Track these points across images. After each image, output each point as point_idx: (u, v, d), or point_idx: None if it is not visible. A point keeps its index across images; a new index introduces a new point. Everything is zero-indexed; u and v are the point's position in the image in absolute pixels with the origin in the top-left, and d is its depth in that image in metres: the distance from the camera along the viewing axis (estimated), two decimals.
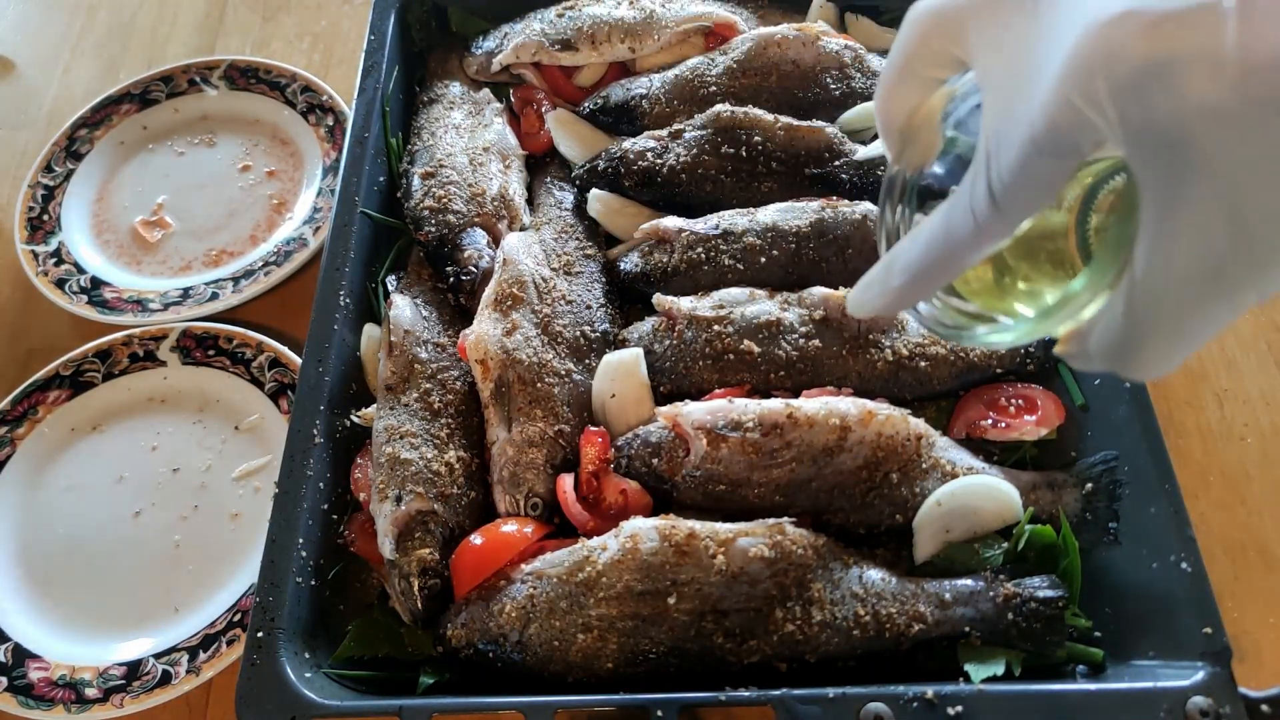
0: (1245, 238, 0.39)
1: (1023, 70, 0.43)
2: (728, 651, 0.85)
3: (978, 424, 1.01)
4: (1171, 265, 0.41)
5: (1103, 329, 0.46)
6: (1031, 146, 0.42)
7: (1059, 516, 0.93)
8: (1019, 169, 0.43)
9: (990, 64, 0.47)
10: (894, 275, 0.52)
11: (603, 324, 1.09)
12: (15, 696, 1.00)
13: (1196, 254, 0.40)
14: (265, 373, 1.23)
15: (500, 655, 0.87)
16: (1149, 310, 0.43)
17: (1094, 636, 0.89)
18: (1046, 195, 0.44)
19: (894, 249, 0.53)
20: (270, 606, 0.87)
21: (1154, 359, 0.45)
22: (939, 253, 0.48)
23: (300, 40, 1.64)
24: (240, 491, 1.16)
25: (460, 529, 0.96)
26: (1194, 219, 0.39)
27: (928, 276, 0.50)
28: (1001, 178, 0.44)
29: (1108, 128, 0.40)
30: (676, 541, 0.86)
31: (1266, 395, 1.15)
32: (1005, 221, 0.45)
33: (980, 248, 0.47)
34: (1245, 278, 0.40)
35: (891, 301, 0.53)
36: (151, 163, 1.49)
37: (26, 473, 1.19)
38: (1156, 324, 0.43)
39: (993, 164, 0.45)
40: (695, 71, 1.25)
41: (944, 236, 0.48)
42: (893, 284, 0.52)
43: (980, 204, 0.45)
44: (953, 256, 0.48)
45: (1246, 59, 0.35)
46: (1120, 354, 0.46)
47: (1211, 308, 0.42)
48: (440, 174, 1.18)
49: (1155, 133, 0.39)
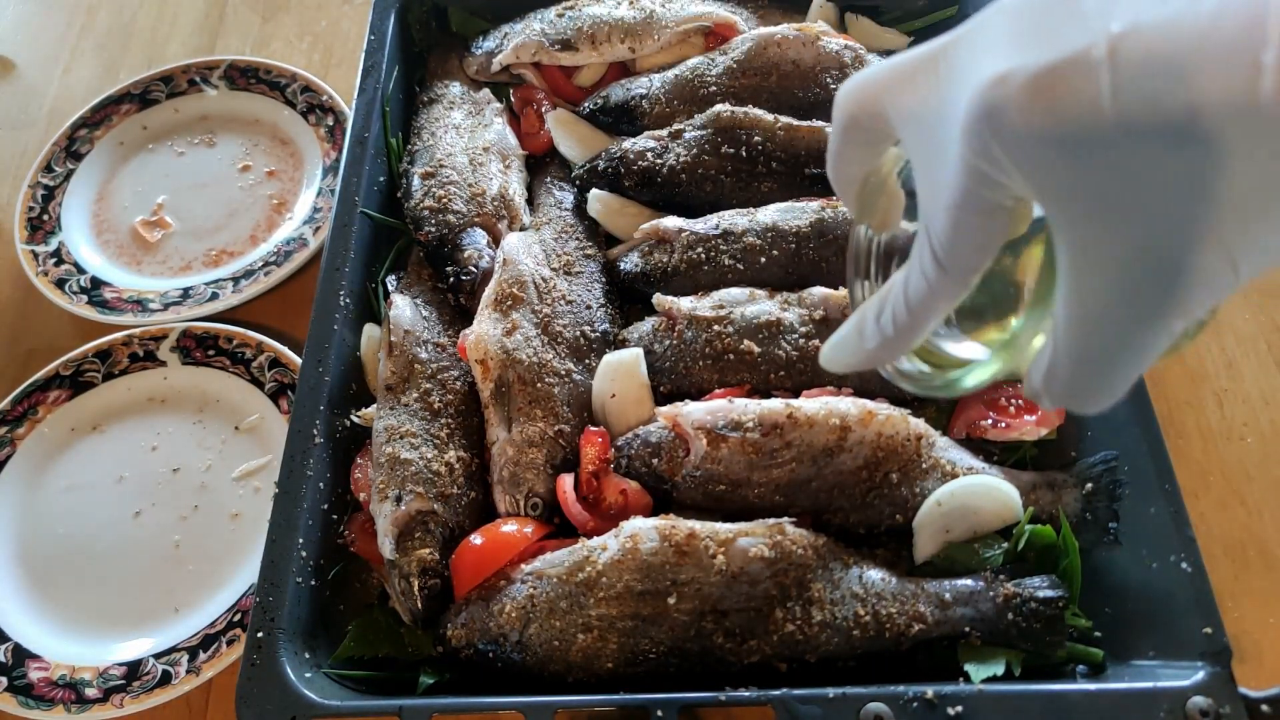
0: (1158, 269, 0.40)
1: (937, 138, 0.45)
2: (728, 651, 0.85)
3: (978, 424, 1.01)
4: (1087, 301, 0.43)
5: (1042, 366, 0.47)
6: (956, 211, 0.44)
7: (1059, 516, 0.93)
8: (951, 232, 0.45)
9: (910, 135, 0.49)
10: (866, 338, 0.54)
11: (603, 324, 1.09)
12: (15, 696, 1.00)
13: (1110, 289, 0.42)
14: (265, 373, 1.23)
15: (500, 655, 0.87)
16: (1075, 346, 0.44)
17: (1094, 636, 0.89)
18: (985, 252, 0.46)
19: (862, 309, 0.54)
20: (270, 606, 0.87)
21: (1089, 392, 0.46)
22: (902, 316, 0.50)
23: (300, 40, 1.64)
24: (240, 491, 1.16)
25: (460, 529, 0.96)
26: (1103, 256, 0.41)
27: (896, 338, 0.52)
28: (939, 242, 0.46)
29: (1012, 183, 0.42)
30: (676, 541, 0.86)
31: (1266, 395, 1.15)
32: (954, 282, 0.47)
33: (938, 308, 0.49)
34: (1164, 307, 0.41)
35: (863, 361, 0.55)
36: (151, 163, 1.49)
37: (26, 473, 1.19)
38: (1085, 358, 0.45)
39: (930, 229, 0.47)
40: (695, 71, 1.25)
41: (904, 300, 0.50)
42: (866, 346, 0.54)
43: (928, 267, 0.47)
44: (915, 319, 0.50)
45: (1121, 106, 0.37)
46: (1059, 389, 0.47)
47: (1136, 339, 0.43)
48: (440, 174, 1.18)
49: (1051, 181, 0.40)
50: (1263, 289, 1.23)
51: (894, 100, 0.49)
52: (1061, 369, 0.46)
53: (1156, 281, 0.40)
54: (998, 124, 0.40)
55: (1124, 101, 0.37)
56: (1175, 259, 0.40)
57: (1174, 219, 0.39)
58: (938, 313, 0.49)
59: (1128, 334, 0.43)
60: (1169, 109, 0.36)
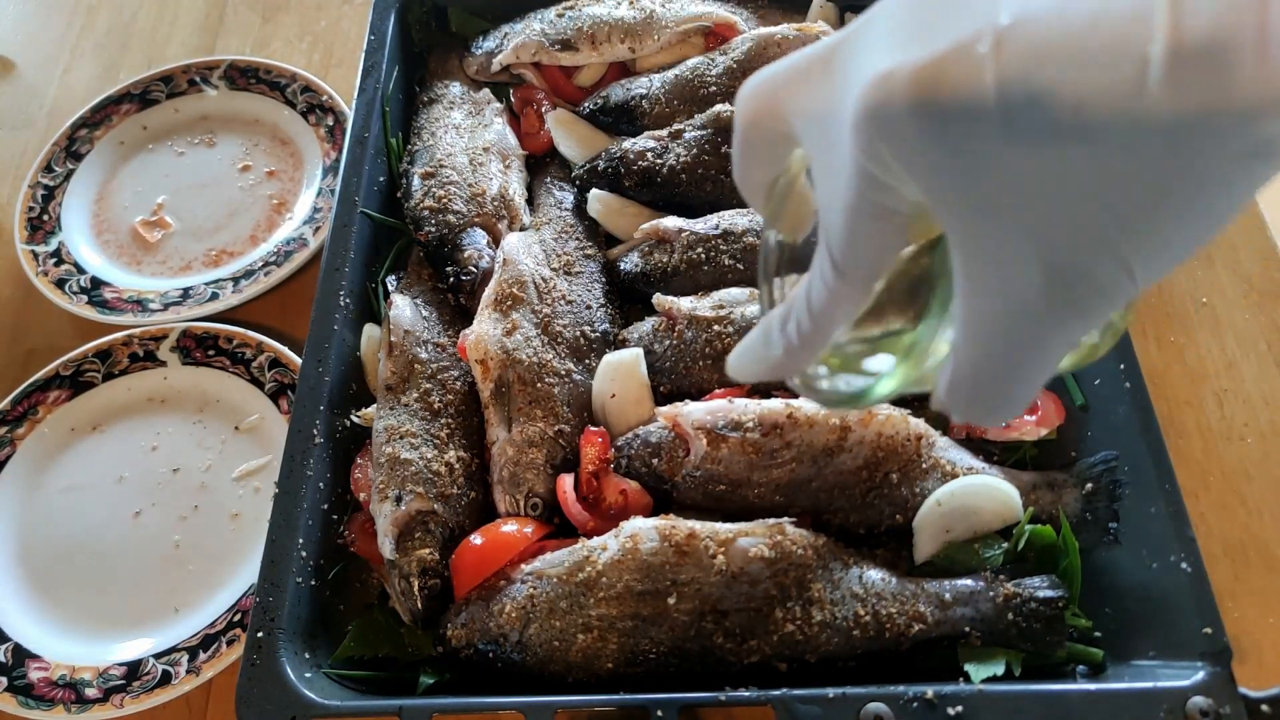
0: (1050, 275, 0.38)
1: (831, 139, 0.43)
2: (728, 651, 0.85)
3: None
4: (982, 309, 0.41)
5: (945, 377, 0.45)
6: (849, 214, 0.43)
7: (1059, 516, 0.93)
8: (847, 237, 0.43)
9: (807, 136, 0.47)
10: (772, 346, 0.51)
11: (603, 324, 1.09)
12: (15, 696, 1.00)
13: (1004, 297, 0.40)
14: (265, 373, 1.23)
15: (500, 655, 0.87)
16: (973, 355, 0.43)
17: (1094, 636, 0.89)
18: (882, 258, 0.44)
19: (768, 317, 0.52)
20: (270, 606, 0.87)
21: (991, 404, 0.44)
22: (806, 323, 0.48)
23: (300, 40, 1.64)
24: (240, 491, 1.16)
25: (460, 529, 0.96)
26: (994, 261, 0.39)
27: (801, 347, 0.50)
28: (836, 246, 0.44)
29: (903, 185, 0.40)
30: (676, 541, 0.86)
31: (1266, 395, 1.15)
32: (853, 288, 0.45)
33: (840, 315, 0.47)
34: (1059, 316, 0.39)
35: (770, 370, 0.53)
36: (151, 163, 1.49)
37: (26, 473, 1.19)
38: (984, 369, 0.43)
39: (827, 234, 0.45)
40: (695, 71, 1.25)
41: (806, 307, 0.48)
42: (772, 354, 0.52)
43: (828, 273, 0.45)
44: (818, 326, 0.48)
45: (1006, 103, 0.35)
46: (962, 401, 0.45)
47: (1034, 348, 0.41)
48: (440, 174, 1.18)
49: (939, 183, 0.39)
50: (1263, 289, 1.23)
51: (791, 100, 0.47)
52: (963, 380, 0.44)
53: (1050, 288, 0.39)
54: (883, 124, 0.38)
55: (1009, 98, 0.35)
56: (1067, 265, 0.38)
57: (1063, 222, 0.37)
58: (840, 320, 0.47)
59: (1025, 343, 0.41)
60: (1054, 105, 0.34)
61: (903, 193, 0.41)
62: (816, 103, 0.45)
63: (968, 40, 0.36)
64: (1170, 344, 1.19)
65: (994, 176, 0.37)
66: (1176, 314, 1.21)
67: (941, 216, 0.40)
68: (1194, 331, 1.20)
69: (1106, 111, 0.34)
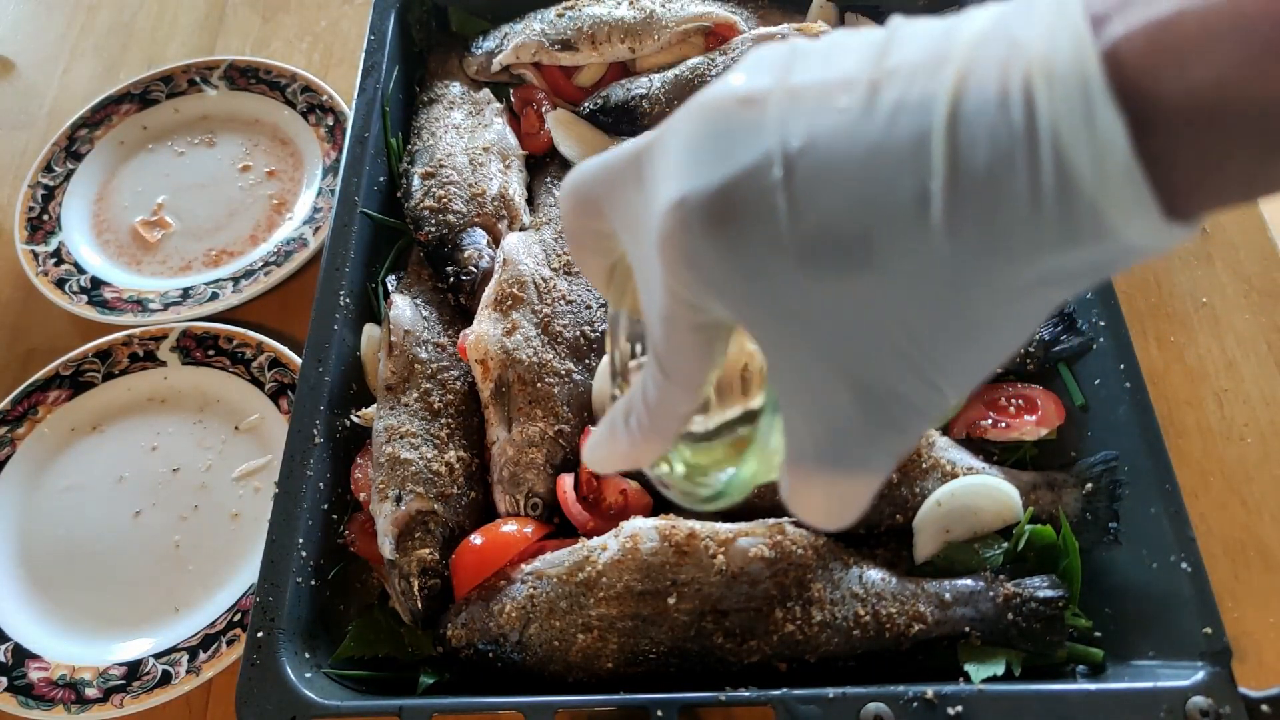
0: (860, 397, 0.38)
1: (643, 249, 0.42)
2: (728, 651, 0.85)
3: (978, 424, 1.01)
4: (801, 426, 0.41)
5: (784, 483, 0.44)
6: (666, 324, 0.42)
7: (1059, 516, 0.93)
8: (665, 344, 0.42)
9: (626, 239, 0.46)
10: (618, 440, 0.50)
11: (603, 324, 1.09)
12: (15, 696, 1.01)
13: (819, 416, 0.39)
14: (265, 373, 1.23)
15: (500, 655, 0.87)
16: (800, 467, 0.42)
17: (1094, 636, 0.89)
18: (703, 364, 0.43)
19: (613, 409, 0.51)
20: (270, 606, 0.87)
21: (827, 513, 0.43)
22: (644, 420, 0.47)
23: (300, 40, 1.64)
24: (240, 491, 1.16)
25: (460, 529, 0.96)
26: (806, 384, 0.39)
27: (644, 442, 0.48)
28: (659, 351, 0.43)
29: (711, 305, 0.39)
30: (676, 541, 0.86)
31: (1266, 395, 1.15)
32: (681, 390, 0.44)
33: (674, 414, 0.46)
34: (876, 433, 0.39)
35: (620, 462, 0.51)
36: (151, 163, 1.49)
37: (26, 473, 1.19)
38: (811, 480, 0.42)
39: (651, 338, 0.44)
40: (695, 71, 1.25)
41: (643, 404, 0.46)
42: (619, 449, 0.50)
43: (656, 374, 0.44)
44: (655, 424, 0.46)
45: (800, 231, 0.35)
46: (794, 507, 0.44)
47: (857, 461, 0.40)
48: (440, 174, 1.18)
49: (744, 309, 0.38)
50: (1263, 289, 1.23)
51: (606, 200, 0.46)
52: (796, 494, 0.43)
53: (863, 408, 0.38)
54: (679, 249, 0.37)
55: (801, 223, 0.35)
56: (875, 385, 0.37)
57: (864, 344, 0.37)
58: (675, 419, 0.46)
59: (849, 461, 0.40)
60: (842, 233, 0.34)
61: (713, 311, 0.40)
62: (629, 210, 0.44)
63: (760, 164, 0.35)
64: (1170, 344, 1.19)
65: (793, 300, 0.37)
66: (1176, 314, 1.21)
67: (753, 335, 0.40)
68: (1194, 331, 1.20)
69: (892, 242, 0.34)
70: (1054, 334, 1.02)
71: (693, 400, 0.45)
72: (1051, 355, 1.02)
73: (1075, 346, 1.01)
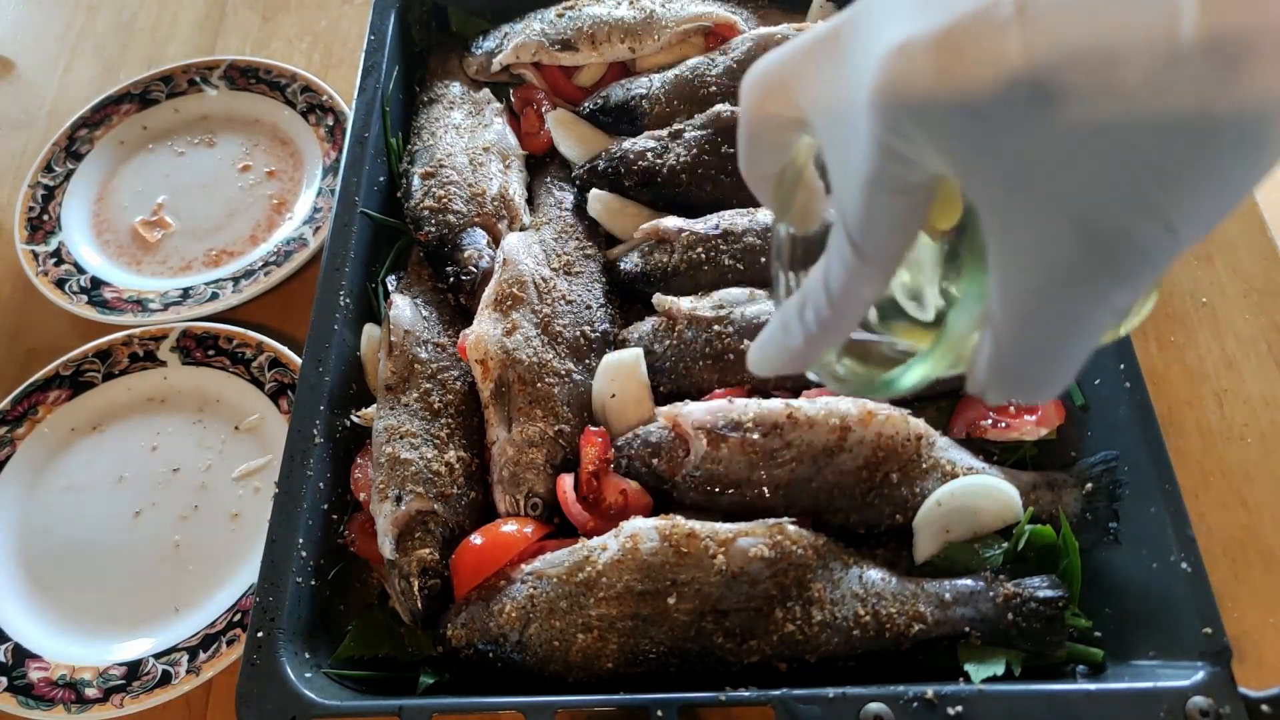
0: (1091, 241, 0.37)
1: (844, 118, 0.42)
2: (728, 651, 0.85)
3: (978, 424, 1.01)
4: (1021, 283, 0.40)
5: (983, 358, 0.44)
6: (868, 190, 0.41)
7: (1059, 516, 0.93)
8: (866, 217, 0.42)
9: (819, 117, 0.45)
10: (790, 336, 0.49)
11: (603, 324, 1.09)
12: (15, 696, 1.00)
13: (1043, 268, 0.38)
14: (265, 373, 1.23)
15: (500, 655, 0.87)
16: (1013, 332, 0.41)
17: (1094, 636, 0.89)
18: (903, 236, 0.43)
19: (785, 306, 0.50)
20: (270, 606, 0.87)
21: (1034, 382, 0.43)
22: (825, 309, 0.46)
23: (300, 40, 1.64)
24: (240, 491, 1.16)
25: (460, 529, 0.96)
26: (1031, 232, 0.38)
27: (820, 334, 0.48)
28: (853, 226, 0.43)
29: (926, 159, 0.39)
30: (676, 541, 0.86)
31: (1266, 395, 1.15)
32: (873, 269, 0.44)
33: (860, 298, 0.45)
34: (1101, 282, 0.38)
35: (790, 361, 0.51)
36: (151, 163, 1.49)
37: (26, 473, 1.19)
38: (1025, 345, 0.41)
39: (844, 214, 0.43)
40: (695, 71, 1.25)
41: (824, 292, 0.46)
42: (791, 344, 0.50)
43: (846, 255, 0.44)
44: (838, 311, 0.46)
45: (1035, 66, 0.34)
46: (1002, 382, 0.44)
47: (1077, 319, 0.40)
48: (440, 174, 1.18)
49: (967, 155, 0.37)
50: (1263, 289, 1.23)
51: (798, 84, 0.45)
52: (1003, 359, 0.42)
53: (1091, 255, 0.37)
54: (903, 97, 0.37)
55: (1038, 61, 0.34)
56: (1107, 228, 0.36)
57: (1101, 184, 0.35)
58: (860, 303, 0.45)
59: (1067, 315, 0.39)
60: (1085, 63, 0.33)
61: (924, 166, 0.39)
62: (826, 83, 0.44)
63: (987, 4, 0.34)
64: (1170, 344, 1.19)
65: (1025, 143, 0.36)
66: (1176, 314, 1.21)
67: (971, 189, 0.39)
68: (1194, 331, 1.20)
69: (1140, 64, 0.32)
70: None
71: (883, 279, 0.44)
72: None
73: None
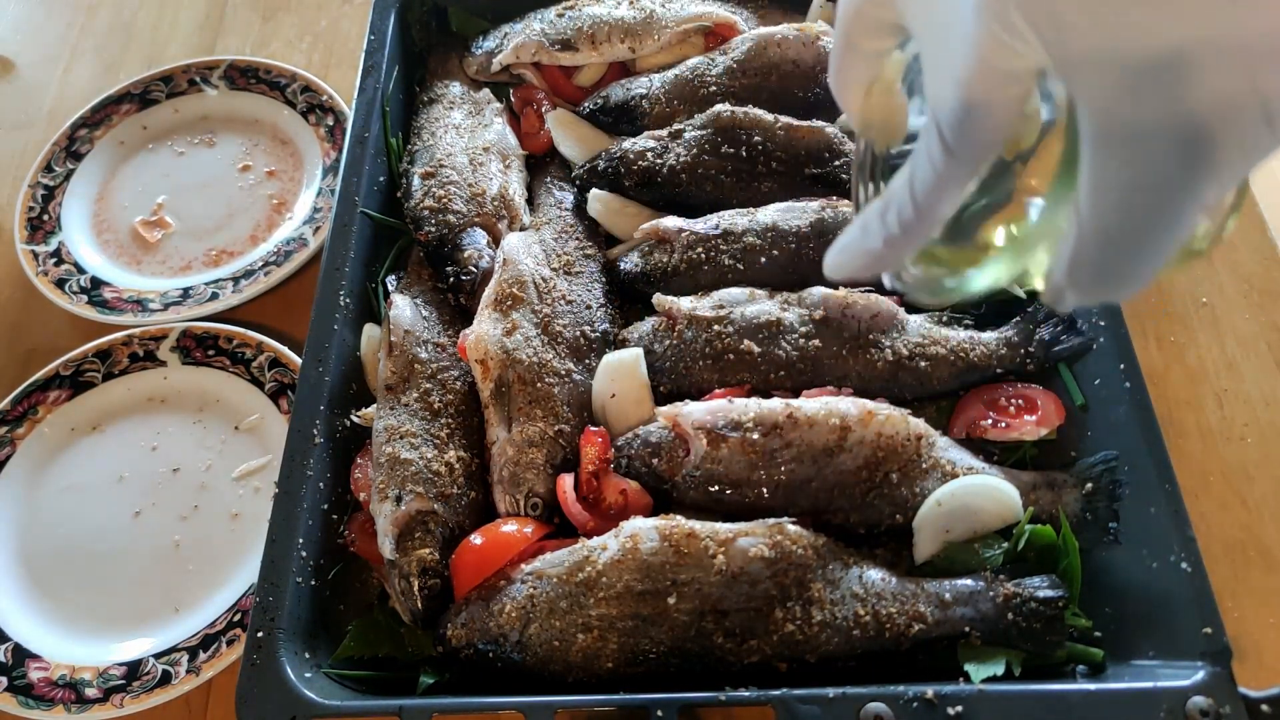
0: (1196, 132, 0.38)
1: (947, 14, 0.43)
2: (728, 651, 0.85)
3: (978, 424, 1.01)
4: (1115, 174, 0.41)
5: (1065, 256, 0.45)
6: (967, 87, 0.43)
7: (1059, 516, 0.93)
8: (961, 111, 0.43)
9: (918, 16, 0.47)
10: (871, 238, 0.51)
11: (603, 324, 1.09)
12: (15, 696, 1.01)
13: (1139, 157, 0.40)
14: (265, 373, 1.23)
15: (500, 655, 0.87)
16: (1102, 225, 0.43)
17: (1094, 636, 0.89)
18: (995, 133, 0.44)
19: (866, 210, 0.52)
20: (270, 606, 0.87)
21: (1118, 276, 0.44)
22: (908, 211, 0.48)
23: (300, 40, 1.64)
24: (240, 491, 1.16)
25: (460, 529, 0.96)
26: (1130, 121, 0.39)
27: (902, 236, 0.49)
28: (947, 123, 0.44)
29: (1032, 54, 0.40)
30: (676, 541, 0.86)
31: (1266, 395, 1.15)
32: (962, 166, 0.45)
33: (945, 197, 0.47)
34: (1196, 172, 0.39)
35: (869, 263, 0.53)
36: (151, 163, 1.49)
37: (26, 473, 1.19)
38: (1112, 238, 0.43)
39: (938, 111, 0.45)
40: (695, 71, 1.25)
41: (909, 193, 0.48)
42: (871, 246, 0.52)
43: (935, 153, 0.45)
44: (921, 212, 0.48)
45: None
46: (1086, 277, 0.45)
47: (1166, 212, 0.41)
48: (440, 174, 1.18)
49: (1074, 44, 0.38)
50: (1263, 289, 1.23)
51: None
52: (1088, 254, 0.44)
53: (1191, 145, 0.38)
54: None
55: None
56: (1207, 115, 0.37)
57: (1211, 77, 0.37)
58: (944, 205, 0.47)
59: (1160, 205, 0.41)
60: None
61: (1027, 60, 0.40)
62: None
63: None
64: (1170, 344, 1.19)
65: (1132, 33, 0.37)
66: (1176, 314, 1.21)
67: (1074, 81, 0.40)
68: (1194, 331, 1.20)
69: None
70: (1054, 334, 1.02)
71: (969, 176, 0.46)
72: (1051, 355, 1.02)
73: (1075, 346, 1.01)
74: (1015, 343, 1.03)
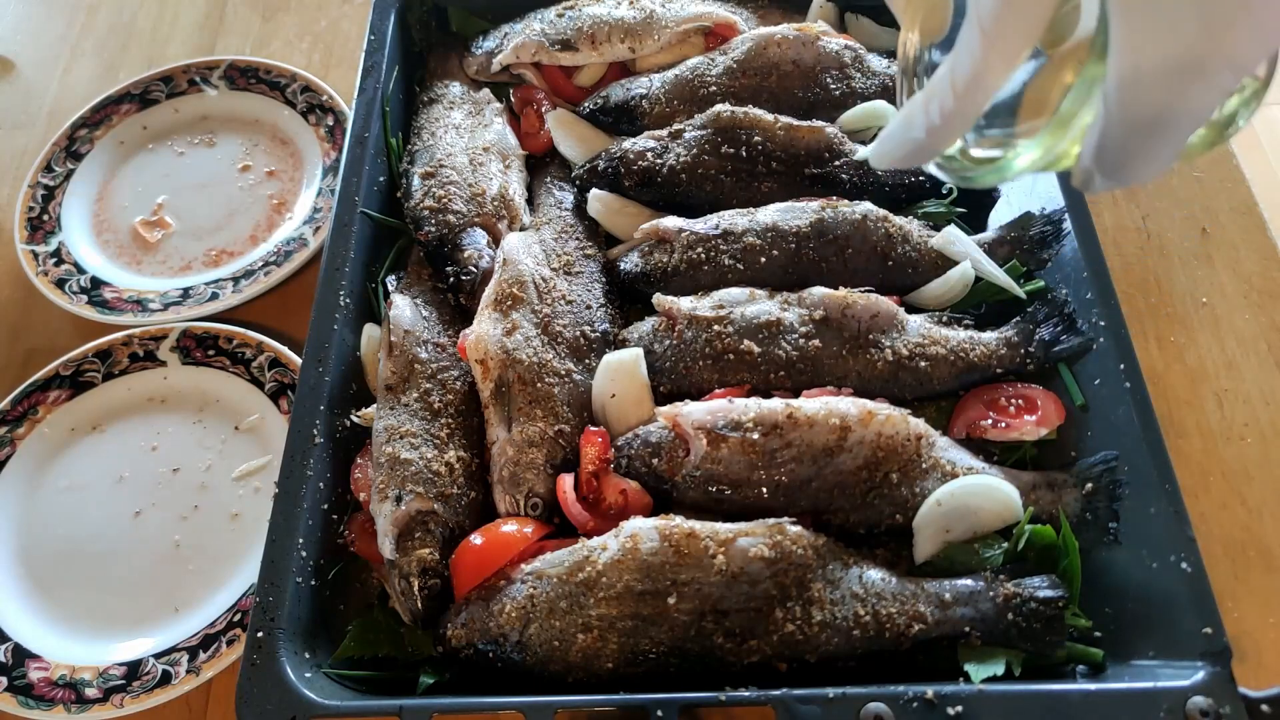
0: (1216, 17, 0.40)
1: None
2: (728, 651, 0.85)
3: (978, 424, 1.01)
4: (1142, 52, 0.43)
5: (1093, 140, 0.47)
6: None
7: (1059, 516, 0.93)
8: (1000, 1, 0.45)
9: None
10: (913, 128, 0.54)
11: (603, 324, 1.09)
12: (15, 696, 1.01)
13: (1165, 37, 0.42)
14: (265, 373, 1.23)
15: (500, 655, 0.87)
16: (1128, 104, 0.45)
17: (1094, 636, 0.89)
18: (1033, 22, 0.46)
19: (909, 103, 0.54)
20: (270, 606, 0.87)
21: (1142, 157, 0.46)
22: (949, 101, 0.50)
23: (300, 40, 1.64)
24: (240, 491, 1.16)
25: (460, 529, 0.96)
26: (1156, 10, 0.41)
27: (943, 125, 0.51)
28: (987, 12, 0.46)
29: None
30: (676, 541, 0.86)
31: (1266, 395, 1.15)
32: (1001, 56, 0.47)
33: (985, 86, 0.49)
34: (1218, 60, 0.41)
35: (911, 153, 0.56)
36: (151, 163, 1.49)
37: (26, 473, 1.19)
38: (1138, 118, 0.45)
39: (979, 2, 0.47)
40: (695, 71, 1.25)
41: (950, 84, 0.50)
42: (913, 136, 0.54)
43: (975, 43, 0.47)
44: (962, 102, 0.50)
45: None
46: (1112, 158, 0.47)
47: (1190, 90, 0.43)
48: (440, 174, 1.18)
49: None
50: (1263, 289, 1.23)
51: None
52: (1114, 138, 0.46)
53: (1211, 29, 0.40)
54: None
55: None
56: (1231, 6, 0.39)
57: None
58: (984, 94, 0.49)
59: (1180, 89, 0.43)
60: None
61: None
62: None
63: None
64: (1170, 344, 1.19)
65: None
66: (1176, 314, 1.21)
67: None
68: (1194, 331, 1.20)
69: None
70: (1054, 334, 1.02)
71: (1009, 67, 0.48)
72: (1051, 355, 1.02)
73: (1075, 346, 1.01)
74: (1015, 343, 1.03)
